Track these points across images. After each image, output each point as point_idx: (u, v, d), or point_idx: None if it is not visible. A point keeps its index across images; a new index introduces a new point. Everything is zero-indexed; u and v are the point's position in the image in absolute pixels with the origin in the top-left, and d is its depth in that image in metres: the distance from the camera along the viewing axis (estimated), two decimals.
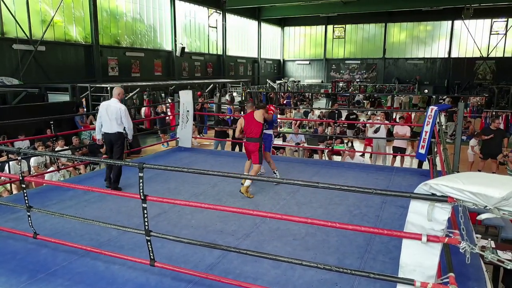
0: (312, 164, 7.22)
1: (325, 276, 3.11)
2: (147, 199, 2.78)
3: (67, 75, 16.02)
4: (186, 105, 7.86)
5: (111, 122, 5.29)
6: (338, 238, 3.83)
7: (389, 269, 3.24)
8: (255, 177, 3.82)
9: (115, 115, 5.27)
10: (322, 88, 33.71)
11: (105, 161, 4.82)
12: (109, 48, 18.76)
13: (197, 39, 26.02)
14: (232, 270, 3.22)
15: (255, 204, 4.84)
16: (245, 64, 31.92)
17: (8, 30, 14.36)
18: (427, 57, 33.63)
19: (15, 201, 4.34)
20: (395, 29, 34.50)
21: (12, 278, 3.07)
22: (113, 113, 5.27)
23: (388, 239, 3.74)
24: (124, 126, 5.34)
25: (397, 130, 9.56)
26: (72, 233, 3.86)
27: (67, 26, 16.88)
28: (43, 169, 7.93)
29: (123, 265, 3.23)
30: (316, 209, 4.70)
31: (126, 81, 17.75)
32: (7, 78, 13.68)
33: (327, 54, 36.79)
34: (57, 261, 3.33)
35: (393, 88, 31.45)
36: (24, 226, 3.73)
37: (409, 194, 2.02)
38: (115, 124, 5.29)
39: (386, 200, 4.92)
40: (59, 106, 12.10)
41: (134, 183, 5.38)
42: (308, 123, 13.69)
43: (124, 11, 19.94)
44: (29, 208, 3.42)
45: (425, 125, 5.97)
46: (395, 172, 6.55)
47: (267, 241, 3.79)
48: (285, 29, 38.13)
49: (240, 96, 22.42)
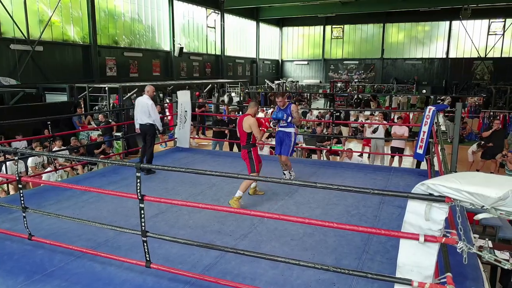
0: (310, 164, 7.22)
1: (323, 276, 3.10)
2: (144, 199, 2.77)
3: (65, 75, 15.97)
4: (184, 105, 7.85)
5: (141, 115, 6.23)
6: (336, 238, 3.83)
7: (387, 269, 3.24)
8: (254, 178, 3.82)
9: (144, 109, 6.17)
10: (321, 89, 33.73)
11: (102, 161, 4.83)
12: (107, 48, 18.71)
13: (195, 39, 26.00)
14: (230, 271, 3.21)
15: (253, 204, 4.84)
16: (243, 64, 31.91)
17: (6, 30, 14.32)
18: (425, 58, 33.69)
19: (12, 201, 4.31)
20: (393, 30, 34.55)
21: (9, 279, 3.05)
22: (143, 107, 6.19)
23: (386, 239, 3.74)
24: (153, 118, 6.21)
25: (395, 130, 9.57)
26: (69, 234, 3.84)
27: (65, 26, 16.83)
28: (40, 170, 7.91)
29: (119, 266, 3.22)
30: (314, 209, 4.70)
31: (124, 81, 17.68)
32: (4, 78, 13.62)
33: (326, 54, 36.81)
34: (54, 262, 3.31)
35: (391, 88, 31.49)
36: (21, 227, 3.70)
37: (406, 194, 2.02)
38: (145, 117, 6.20)
39: (384, 200, 4.92)
40: (57, 106, 12.06)
41: (131, 183, 5.37)
42: (307, 123, 13.68)
43: (122, 11, 19.90)
44: (24, 209, 3.41)
45: (423, 125, 5.98)
46: (393, 172, 6.55)
47: (265, 242, 3.79)
48: (283, 30, 38.13)
49: (238, 97, 22.42)
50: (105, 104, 13.92)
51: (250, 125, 4.84)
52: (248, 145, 4.94)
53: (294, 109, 5.63)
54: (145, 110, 6.17)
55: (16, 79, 14.06)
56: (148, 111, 6.16)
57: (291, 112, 5.58)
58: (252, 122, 4.86)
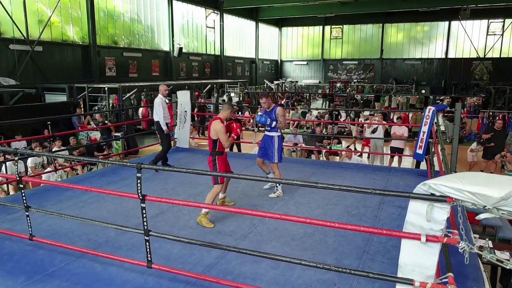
0: (309, 164, 7.22)
1: (324, 276, 3.10)
2: (145, 199, 2.77)
3: (64, 75, 15.96)
4: (184, 106, 7.84)
5: (154, 114, 6.55)
6: (336, 238, 3.83)
7: (388, 269, 3.24)
8: (254, 178, 3.79)
9: (155, 107, 6.51)
10: (320, 89, 33.75)
11: (102, 161, 4.84)
12: (106, 49, 18.70)
13: (194, 39, 25.99)
14: (230, 271, 3.21)
15: (252, 204, 4.83)
16: (242, 64, 31.91)
17: (5, 30, 14.30)
18: (424, 58, 33.73)
19: (12, 201, 4.31)
20: (392, 30, 34.58)
21: (9, 279, 3.05)
22: (155, 106, 6.54)
23: (386, 239, 3.74)
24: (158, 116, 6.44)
25: (395, 130, 9.58)
26: (69, 234, 3.84)
27: (64, 26, 16.82)
28: (40, 170, 7.89)
29: (120, 266, 3.22)
30: (314, 209, 4.70)
31: (124, 81, 17.66)
32: (3, 79, 13.60)
33: (325, 54, 36.84)
34: (55, 262, 3.31)
35: (390, 89, 31.52)
36: (21, 227, 3.71)
37: (408, 194, 2.02)
38: (155, 115, 6.49)
39: (384, 200, 4.92)
40: (56, 106, 12.04)
41: (130, 184, 5.36)
42: (306, 124, 13.69)
43: (122, 11, 19.89)
44: (27, 208, 3.40)
45: (423, 125, 5.98)
46: (392, 172, 6.55)
47: (265, 242, 3.79)
48: (282, 30, 38.14)
49: (238, 97, 22.42)
50: (104, 104, 13.91)
51: (216, 131, 4.31)
52: (214, 152, 4.42)
53: (279, 112, 5.24)
54: (155, 108, 6.51)
55: (16, 79, 14.05)
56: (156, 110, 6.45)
57: (275, 116, 5.20)
58: (219, 128, 4.30)
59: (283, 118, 5.30)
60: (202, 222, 4.14)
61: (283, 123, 5.29)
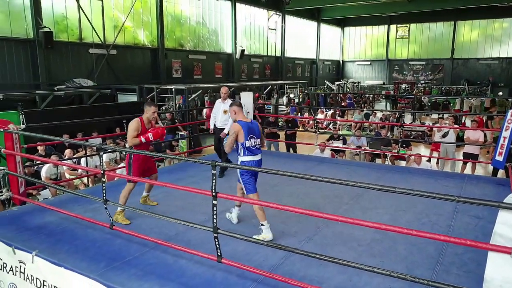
0: (375, 169, 6.97)
1: (394, 285, 2.98)
2: (217, 196, 2.86)
3: (135, 77, 17.01)
4: (247, 107, 7.96)
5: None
6: (406, 246, 3.66)
7: (464, 283, 3.04)
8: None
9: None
10: (384, 90, 32.46)
11: (180, 158, 5.03)
12: (173, 51, 19.62)
13: (256, 41, 26.34)
14: (295, 272, 3.20)
15: (315, 207, 4.76)
16: (303, 65, 31.72)
17: (85, 36, 15.60)
18: (502, 57, 30.98)
19: (93, 193, 4.67)
20: (466, 28, 32.24)
21: (92, 264, 3.32)
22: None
23: (463, 251, 3.50)
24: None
25: (469, 134, 8.91)
26: (143, 226, 4.08)
27: (136, 30, 17.94)
28: (113, 165, 8.49)
29: (190, 259, 3.36)
30: (382, 215, 4.52)
31: (189, 83, 18.42)
32: (83, 80, 14.88)
33: (390, 54, 35.38)
34: (131, 251, 3.54)
35: (462, 90, 29.43)
36: (101, 217, 4.01)
37: (498, 203, 1.87)
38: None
39: (458, 209, 4.61)
40: (128, 106, 12.90)
41: (197, 181, 5.56)
42: (369, 126, 13.25)
43: (188, 16, 20.75)
44: (105, 201, 3.68)
45: (504, 130, 5.54)
46: (467, 180, 6.11)
47: (330, 245, 3.72)
48: (345, 30, 37.30)
49: (297, 98, 22.33)
50: (171, 105, 14.60)
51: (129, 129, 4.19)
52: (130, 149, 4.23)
53: (231, 128, 3.92)
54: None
55: (93, 81, 15.27)
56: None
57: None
58: (129, 127, 4.14)
59: (232, 136, 3.89)
60: (119, 219, 4.12)
61: (227, 142, 3.99)
